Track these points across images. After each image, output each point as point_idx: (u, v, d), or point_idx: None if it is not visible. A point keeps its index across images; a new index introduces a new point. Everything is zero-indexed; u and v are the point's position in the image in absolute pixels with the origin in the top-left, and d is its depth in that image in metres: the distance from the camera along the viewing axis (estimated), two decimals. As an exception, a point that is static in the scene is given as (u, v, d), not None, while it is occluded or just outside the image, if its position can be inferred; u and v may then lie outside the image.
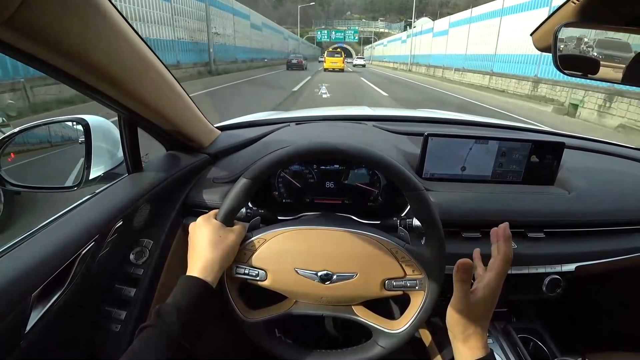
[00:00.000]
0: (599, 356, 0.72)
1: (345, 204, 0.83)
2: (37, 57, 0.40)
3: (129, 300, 0.67)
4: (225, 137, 0.94)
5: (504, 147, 0.78)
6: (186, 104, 0.74)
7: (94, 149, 0.67)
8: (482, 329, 0.51)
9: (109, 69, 0.49)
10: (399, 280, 0.58)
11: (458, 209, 0.73)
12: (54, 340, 0.53)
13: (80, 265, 0.54)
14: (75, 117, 0.68)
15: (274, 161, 0.56)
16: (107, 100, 0.55)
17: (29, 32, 0.37)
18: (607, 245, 0.76)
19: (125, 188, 0.69)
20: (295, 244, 0.59)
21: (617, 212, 0.78)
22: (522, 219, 0.74)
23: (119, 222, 0.62)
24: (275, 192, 0.84)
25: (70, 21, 0.40)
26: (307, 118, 1.16)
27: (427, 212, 0.56)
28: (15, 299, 0.45)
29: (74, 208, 0.61)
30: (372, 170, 0.81)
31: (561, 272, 0.74)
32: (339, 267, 0.58)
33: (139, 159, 0.74)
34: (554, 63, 0.60)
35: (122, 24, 0.49)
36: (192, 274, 0.52)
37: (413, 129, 1.01)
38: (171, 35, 13.44)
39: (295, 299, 0.63)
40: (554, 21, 0.60)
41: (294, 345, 0.63)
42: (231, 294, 0.60)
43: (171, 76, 0.66)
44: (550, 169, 0.80)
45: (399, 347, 0.59)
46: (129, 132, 0.69)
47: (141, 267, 0.69)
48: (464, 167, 0.80)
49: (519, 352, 0.79)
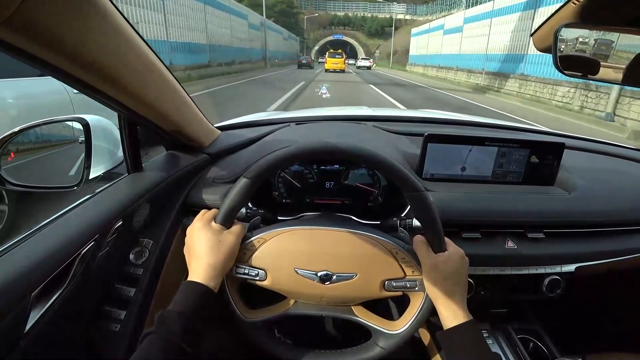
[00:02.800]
0: (599, 357, 0.72)
1: (345, 204, 0.83)
2: (37, 56, 0.40)
3: (128, 300, 0.67)
4: (225, 137, 0.94)
5: (504, 147, 0.78)
6: (186, 103, 0.74)
7: (94, 148, 0.67)
8: (460, 294, 0.56)
9: (110, 68, 0.49)
10: (398, 280, 0.58)
11: (458, 210, 0.73)
12: (54, 339, 0.53)
13: (80, 264, 0.54)
14: (76, 117, 0.68)
15: (274, 161, 0.56)
16: (107, 99, 0.55)
17: (30, 32, 0.37)
18: (607, 245, 0.76)
19: (125, 188, 0.69)
20: (295, 244, 0.59)
21: (617, 212, 0.78)
22: (522, 220, 0.74)
23: (119, 222, 0.62)
24: (275, 192, 0.84)
25: (71, 21, 0.40)
26: (307, 118, 1.16)
27: (427, 213, 0.56)
28: (15, 298, 0.45)
29: (74, 208, 0.61)
30: (372, 171, 0.81)
31: (561, 272, 0.73)
32: (339, 267, 0.58)
33: (139, 159, 0.74)
34: (554, 63, 0.60)
35: (122, 23, 0.49)
36: (193, 279, 0.52)
37: (413, 129, 1.01)
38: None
39: (295, 299, 0.63)
40: (554, 22, 0.60)
41: (294, 346, 0.63)
42: (231, 294, 0.60)
43: (171, 76, 0.66)
44: (550, 170, 0.80)
45: (399, 347, 0.59)
46: (129, 132, 0.69)
47: (141, 267, 0.69)
48: (464, 167, 0.80)
49: (519, 352, 0.79)
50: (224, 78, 14.97)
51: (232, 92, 10.53)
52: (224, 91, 10.47)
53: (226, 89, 11.06)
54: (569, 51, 0.61)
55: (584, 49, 0.61)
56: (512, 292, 0.76)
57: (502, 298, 0.78)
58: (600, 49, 0.59)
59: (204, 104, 6.87)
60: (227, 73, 17.03)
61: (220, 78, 14.73)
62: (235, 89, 11.32)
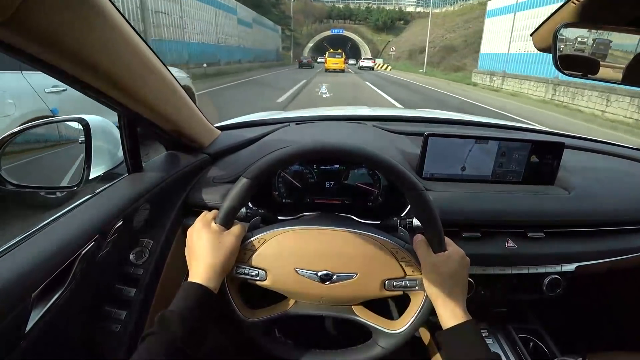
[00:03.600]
0: (599, 356, 0.72)
1: (345, 204, 0.83)
2: (37, 57, 0.41)
3: (129, 300, 0.67)
4: (225, 137, 0.94)
5: (504, 147, 0.78)
6: (186, 103, 0.74)
7: (94, 148, 0.67)
8: (459, 294, 0.56)
9: (110, 69, 0.49)
10: (399, 280, 0.58)
11: (458, 209, 0.73)
12: (54, 340, 0.53)
13: (81, 265, 0.54)
14: (76, 117, 0.68)
15: (274, 161, 0.56)
16: (107, 100, 0.55)
17: (29, 32, 0.37)
18: (607, 245, 0.76)
19: (125, 188, 0.69)
20: (295, 244, 0.59)
21: (617, 211, 0.78)
22: (522, 219, 0.74)
23: (119, 222, 0.62)
24: (275, 192, 0.84)
25: (71, 21, 0.40)
26: (307, 118, 1.16)
27: (427, 212, 0.56)
28: (16, 298, 0.45)
29: (74, 208, 0.61)
30: (372, 171, 0.81)
31: (561, 272, 0.74)
32: (339, 267, 0.58)
33: (139, 159, 0.74)
34: (553, 63, 0.60)
35: (122, 24, 0.49)
36: (194, 280, 0.53)
37: (413, 129, 1.01)
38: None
39: (295, 299, 0.63)
40: (554, 21, 0.60)
41: (294, 346, 0.63)
42: (231, 294, 0.60)
43: (171, 76, 0.66)
44: (550, 169, 0.80)
45: (399, 347, 0.59)
46: (129, 132, 0.69)
47: (141, 267, 0.69)
48: (464, 167, 0.80)
49: (519, 352, 0.80)
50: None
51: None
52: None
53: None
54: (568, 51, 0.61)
55: (583, 48, 0.61)
56: (512, 292, 0.76)
57: (502, 298, 0.78)
58: (598, 48, 0.59)
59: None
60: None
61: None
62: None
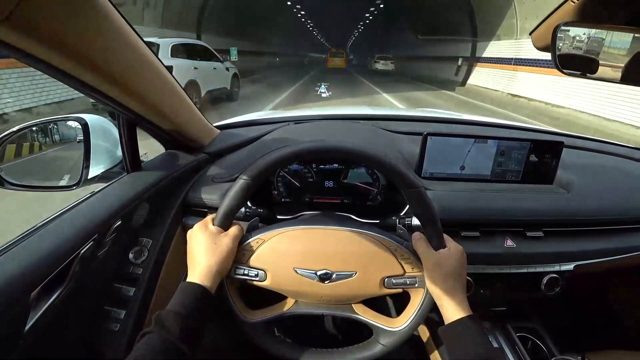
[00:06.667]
0: (598, 355, 0.72)
1: (345, 203, 0.83)
2: (37, 57, 0.40)
3: (128, 299, 0.67)
4: (225, 136, 0.94)
5: (503, 146, 0.78)
6: (185, 103, 0.74)
7: (92, 147, 0.67)
8: (461, 290, 0.57)
9: (109, 68, 0.49)
10: (398, 277, 0.58)
11: (457, 208, 0.74)
12: (53, 339, 0.53)
13: (80, 264, 0.54)
14: (74, 116, 0.68)
15: (273, 161, 0.56)
16: (106, 99, 0.55)
17: (28, 31, 0.36)
18: (606, 244, 0.76)
19: (124, 187, 0.68)
20: (294, 244, 0.59)
21: (616, 211, 0.78)
22: (521, 218, 0.74)
23: (118, 221, 0.62)
24: (275, 192, 0.84)
25: (70, 20, 0.40)
26: (306, 117, 1.16)
27: (425, 210, 0.56)
28: (15, 298, 0.45)
29: (73, 207, 0.61)
30: (371, 170, 0.81)
31: (560, 271, 0.74)
32: (338, 266, 0.58)
33: (137, 158, 0.73)
34: (553, 62, 0.60)
35: (121, 23, 0.49)
36: (191, 280, 0.53)
37: (412, 129, 1.01)
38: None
39: (295, 298, 0.63)
40: (552, 20, 0.60)
41: (295, 345, 0.63)
42: (231, 294, 0.60)
43: (170, 76, 0.66)
44: (549, 168, 0.80)
45: (400, 344, 0.60)
46: (128, 131, 0.69)
47: (140, 266, 0.69)
48: (463, 166, 0.80)
49: (518, 351, 0.80)
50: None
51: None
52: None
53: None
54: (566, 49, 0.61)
55: (580, 46, 0.61)
56: (511, 291, 0.76)
57: (501, 296, 0.78)
58: (592, 45, 0.60)
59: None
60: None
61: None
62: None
